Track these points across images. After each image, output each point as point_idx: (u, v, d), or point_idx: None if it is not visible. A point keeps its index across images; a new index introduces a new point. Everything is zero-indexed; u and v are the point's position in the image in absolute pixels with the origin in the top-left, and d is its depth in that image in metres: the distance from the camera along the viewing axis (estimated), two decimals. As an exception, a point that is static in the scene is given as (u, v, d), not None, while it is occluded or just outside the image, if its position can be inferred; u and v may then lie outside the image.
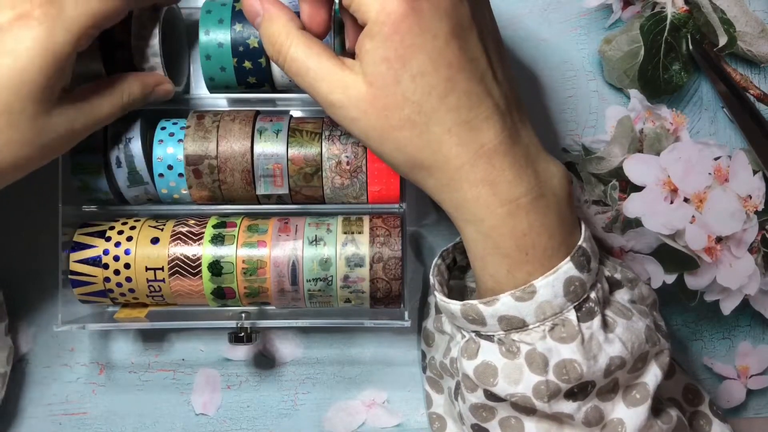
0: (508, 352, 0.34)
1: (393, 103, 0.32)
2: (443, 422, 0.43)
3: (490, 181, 0.33)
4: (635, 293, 0.38)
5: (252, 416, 0.47)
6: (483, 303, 0.34)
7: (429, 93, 0.32)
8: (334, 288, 0.40)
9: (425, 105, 0.32)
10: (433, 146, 0.33)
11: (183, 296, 0.41)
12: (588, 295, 0.34)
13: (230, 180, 0.40)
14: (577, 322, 0.33)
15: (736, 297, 0.48)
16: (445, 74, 0.32)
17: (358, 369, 0.47)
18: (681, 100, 0.47)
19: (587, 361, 0.33)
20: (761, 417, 0.49)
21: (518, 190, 0.33)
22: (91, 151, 0.40)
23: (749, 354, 0.48)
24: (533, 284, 0.33)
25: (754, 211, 0.47)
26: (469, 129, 0.33)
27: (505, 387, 0.34)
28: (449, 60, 0.32)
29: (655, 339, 0.36)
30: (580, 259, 0.34)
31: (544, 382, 0.33)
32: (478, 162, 0.33)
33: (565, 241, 0.34)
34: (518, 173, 0.33)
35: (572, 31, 0.47)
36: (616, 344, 0.34)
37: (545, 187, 0.34)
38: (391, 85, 0.32)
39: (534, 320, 0.34)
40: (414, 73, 0.32)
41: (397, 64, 0.32)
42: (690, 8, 0.47)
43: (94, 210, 0.43)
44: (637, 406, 0.35)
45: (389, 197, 0.41)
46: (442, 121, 0.32)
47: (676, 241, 0.47)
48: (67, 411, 0.47)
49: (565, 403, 0.34)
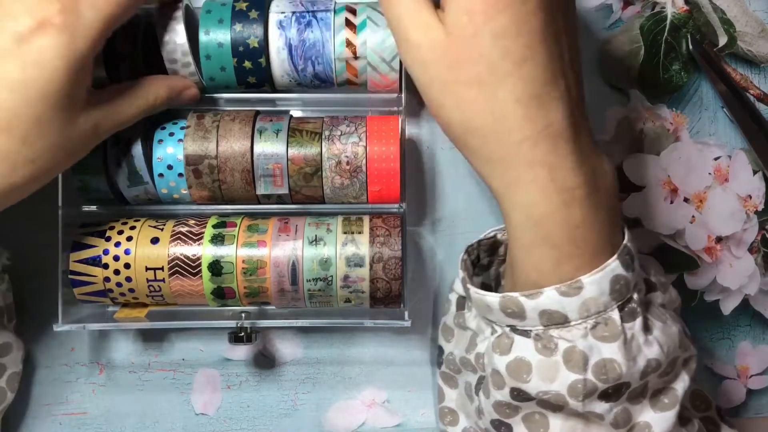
0: (544, 349, 0.33)
1: (466, 57, 0.31)
2: (455, 416, 0.43)
3: (550, 164, 0.32)
4: (666, 297, 0.37)
5: (252, 416, 0.47)
6: (525, 296, 0.33)
7: (505, 55, 0.31)
8: (334, 288, 0.40)
9: (499, 66, 0.31)
10: (497, 112, 0.32)
11: (183, 296, 0.41)
12: (631, 295, 0.34)
13: (230, 180, 0.40)
14: (620, 322, 0.33)
15: (736, 297, 0.48)
16: (526, 41, 0.31)
17: (358, 369, 0.47)
18: (681, 100, 0.47)
19: (627, 362, 0.32)
20: (761, 417, 0.49)
21: (576, 180, 0.32)
22: (92, 151, 0.40)
23: (749, 354, 0.48)
24: (581, 280, 0.32)
25: (754, 211, 0.47)
26: (539, 104, 0.31)
27: (538, 384, 0.33)
28: (533, 28, 0.31)
29: (687, 344, 0.35)
30: (626, 258, 0.33)
31: (582, 381, 0.33)
32: (541, 141, 0.32)
33: (611, 240, 0.33)
34: (579, 163, 0.32)
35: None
36: (654, 347, 0.33)
37: (598, 183, 0.33)
38: (468, 39, 0.31)
39: (577, 317, 0.33)
40: (495, 31, 0.31)
41: (480, 19, 0.31)
42: (690, 8, 0.47)
43: (94, 210, 0.43)
44: (665, 411, 0.35)
45: (389, 197, 0.41)
46: (513, 88, 0.31)
47: (676, 241, 0.47)
48: (67, 411, 0.47)
49: (598, 404, 0.33)
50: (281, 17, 0.40)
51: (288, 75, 0.41)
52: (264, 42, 0.40)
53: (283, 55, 0.40)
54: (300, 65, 0.40)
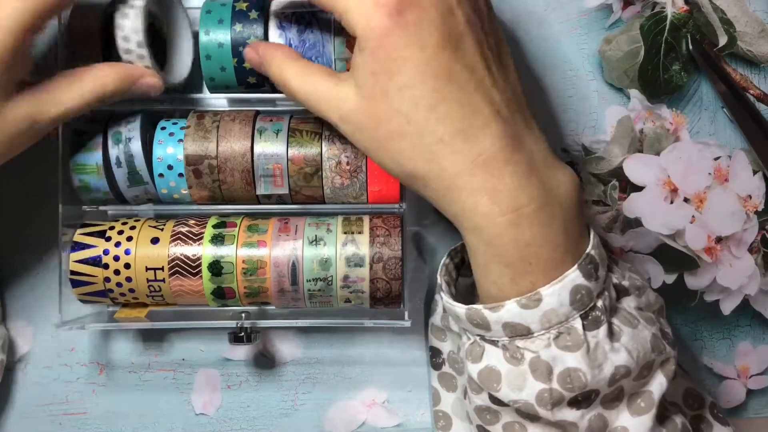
0: (512, 358, 0.34)
1: (383, 115, 0.33)
2: (449, 421, 0.43)
3: (490, 190, 0.32)
4: (642, 300, 0.37)
5: (252, 416, 0.47)
6: (488, 309, 0.34)
7: (416, 104, 0.32)
8: (334, 288, 0.40)
9: (414, 116, 0.32)
10: (426, 156, 0.33)
11: (183, 296, 0.41)
12: (595, 303, 0.34)
13: (230, 180, 0.40)
14: (582, 331, 0.33)
15: (736, 297, 0.48)
16: (433, 85, 0.32)
17: (358, 369, 0.47)
18: (681, 100, 0.47)
19: (592, 370, 0.33)
20: (761, 417, 0.49)
21: (520, 199, 0.32)
22: (91, 151, 0.40)
23: (749, 354, 0.48)
24: (539, 292, 0.33)
25: (754, 211, 0.47)
26: (464, 138, 0.32)
27: (508, 393, 0.34)
28: (437, 71, 0.32)
29: (661, 347, 0.35)
30: (588, 267, 0.33)
31: (548, 390, 0.33)
32: (475, 170, 0.32)
33: (571, 250, 0.34)
34: (520, 181, 0.33)
35: (572, 31, 0.47)
36: (621, 353, 0.33)
37: (550, 196, 0.33)
38: (380, 98, 0.33)
39: (539, 328, 0.33)
40: (400, 85, 0.32)
41: (384, 78, 0.32)
42: (690, 8, 0.47)
43: (94, 210, 0.43)
44: (642, 415, 0.35)
45: (389, 197, 0.41)
46: (434, 131, 0.32)
47: (676, 241, 0.47)
48: (67, 411, 0.47)
49: (568, 411, 0.34)
50: (281, 17, 0.40)
51: None
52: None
53: None
54: None
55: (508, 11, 0.47)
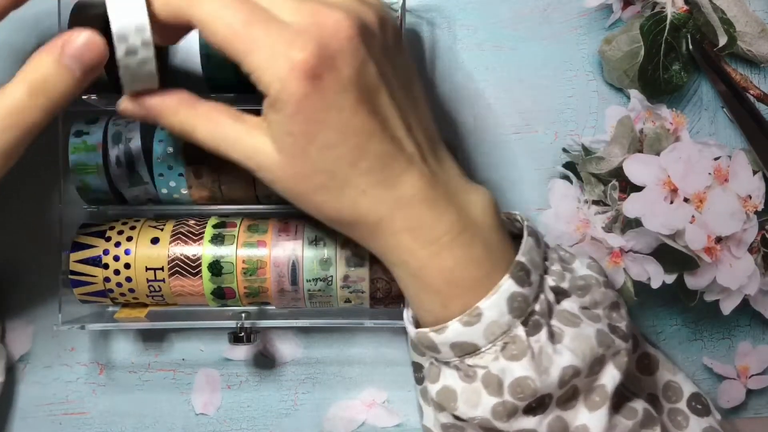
0: (465, 377, 0.35)
1: (303, 172, 0.32)
2: None
3: (409, 228, 0.33)
4: (586, 300, 0.37)
5: (252, 416, 0.47)
6: (434, 331, 0.34)
7: (339, 162, 0.32)
8: (334, 288, 0.40)
9: (337, 173, 0.32)
10: (350, 207, 0.33)
11: (183, 296, 0.41)
12: (533, 308, 0.34)
13: (230, 180, 0.40)
14: (526, 337, 0.34)
15: (736, 297, 0.48)
16: (354, 142, 0.32)
17: (358, 369, 0.47)
18: (681, 100, 0.47)
19: (540, 376, 0.33)
20: (761, 417, 0.49)
21: (439, 231, 0.33)
22: (91, 151, 0.40)
23: (749, 354, 0.48)
24: (478, 307, 0.33)
25: (754, 211, 0.47)
26: (385, 187, 0.33)
27: (465, 411, 0.34)
28: (356, 129, 0.32)
29: (609, 342, 0.35)
30: (519, 274, 0.34)
31: (501, 403, 0.34)
32: (395, 215, 0.33)
33: (497, 264, 0.34)
34: (438, 215, 0.33)
35: (572, 31, 0.47)
36: (565, 354, 0.34)
37: (467, 220, 0.34)
38: (299, 156, 0.32)
39: (485, 342, 0.34)
40: (321, 146, 0.32)
41: (303, 140, 0.32)
42: (690, 8, 0.47)
43: (94, 210, 0.43)
44: (598, 409, 0.35)
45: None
46: (356, 185, 0.33)
47: (676, 241, 0.47)
48: (67, 411, 0.47)
49: (525, 420, 0.34)
50: None
51: None
52: None
53: None
54: None
55: (508, 11, 0.47)
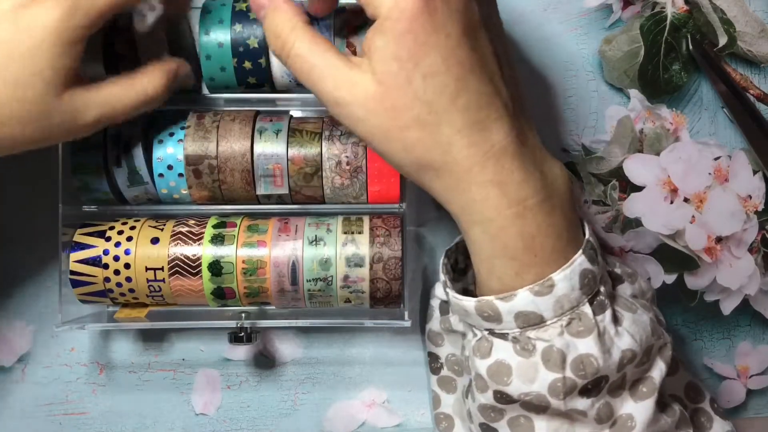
0: (523, 350, 0.34)
1: (403, 103, 0.32)
2: (450, 422, 0.43)
3: (499, 182, 0.33)
4: (636, 287, 0.38)
5: (252, 416, 0.47)
6: (500, 299, 0.34)
7: (441, 93, 0.32)
8: (334, 288, 0.40)
9: (436, 105, 0.32)
10: (444, 147, 0.32)
11: (183, 296, 0.41)
12: (599, 288, 0.34)
13: (230, 180, 0.40)
14: (592, 315, 0.33)
15: (736, 297, 0.48)
16: (457, 73, 0.32)
17: (358, 369, 0.47)
18: (681, 100, 0.47)
19: (603, 355, 0.33)
20: (761, 417, 0.49)
21: (526, 192, 0.33)
22: (91, 151, 0.40)
23: (749, 354, 0.48)
24: (552, 278, 0.33)
25: (754, 211, 0.47)
26: (480, 129, 0.32)
27: (519, 386, 0.34)
28: (461, 59, 0.32)
29: (660, 332, 0.36)
30: (590, 252, 0.34)
31: (561, 379, 0.33)
32: (487, 163, 0.32)
33: (572, 240, 0.34)
34: (526, 174, 0.33)
35: (572, 31, 0.47)
36: (625, 337, 0.34)
37: (551, 189, 0.34)
38: (402, 85, 0.32)
39: (552, 315, 0.33)
40: (426, 72, 0.31)
41: (410, 63, 0.31)
42: (690, 8, 0.47)
43: (94, 210, 0.43)
44: (645, 400, 0.35)
45: (389, 197, 0.41)
46: (453, 122, 0.32)
47: (676, 241, 0.47)
48: (67, 411, 0.47)
49: (579, 400, 0.34)
50: None
51: (288, 75, 0.41)
52: (264, 42, 0.40)
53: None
54: None
55: (508, 11, 0.47)
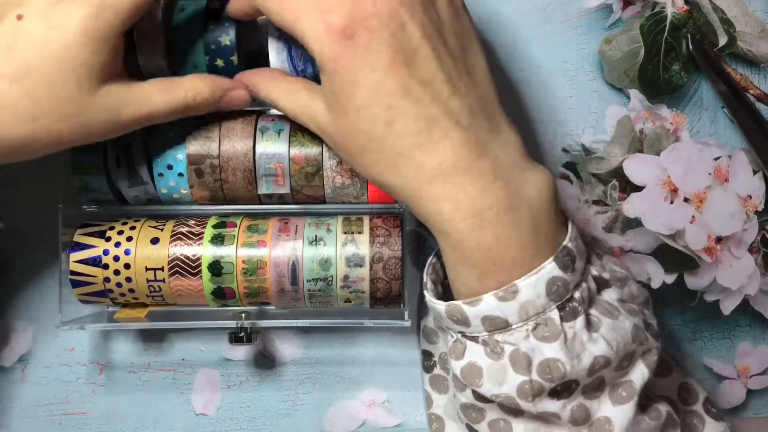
0: (492, 353, 0.34)
1: (348, 132, 0.34)
2: (441, 423, 0.43)
3: (451, 198, 0.33)
4: (624, 292, 0.38)
5: (252, 416, 0.47)
6: (466, 303, 0.34)
7: (374, 123, 0.33)
8: (334, 288, 0.40)
9: (374, 133, 0.33)
10: (390, 169, 0.34)
11: (183, 296, 0.41)
12: (572, 294, 0.34)
13: (232, 179, 0.40)
14: (560, 322, 0.34)
15: (736, 297, 0.48)
16: (387, 103, 0.33)
17: (358, 369, 0.47)
18: (681, 100, 0.47)
19: (570, 360, 0.33)
20: (761, 417, 0.49)
21: (481, 204, 0.33)
22: (91, 151, 0.40)
23: (749, 354, 0.48)
24: (515, 284, 0.33)
25: (754, 211, 0.47)
26: (422, 152, 0.33)
27: (490, 388, 0.34)
28: (390, 90, 0.33)
29: (643, 338, 0.36)
30: (564, 259, 0.34)
31: (528, 382, 0.34)
32: (435, 181, 0.33)
33: (542, 249, 0.34)
34: (482, 187, 0.33)
35: (572, 31, 0.47)
36: (600, 343, 0.34)
37: (517, 199, 0.34)
38: (342, 116, 0.34)
39: (517, 320, 0.34)
40: (357, 105, 0.33)
41: (343, 99, 0.33)
42: (690, 8, 0.47)
43: (94, 210, 0.42)
44: (624, 404, 0.35)
45: (389, 197, 0.41)
46: (393, 147, 0.33)
47: (676, 241, 0.47)
48: (67, 411, 0.47)
49: (549, 402, 0.34)
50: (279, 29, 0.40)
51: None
52: (236, 41, 0.40)
53: (283, 56, 0.40)
54: (300, 66, 0.40)
55: (508, 11, 0.47)
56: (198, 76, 0.39)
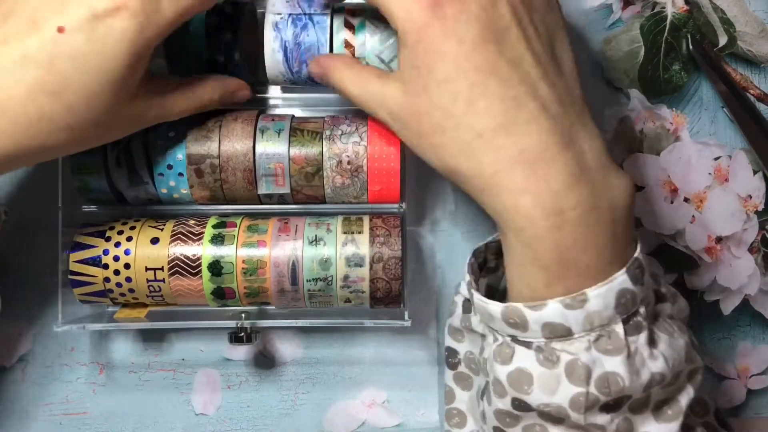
0: (546, 361, 0.33)
1: (424, 110, 0.33)
2: (463, 418, 0.42)
3: (532, 190, 0.31)
4: (675, 308, 0.36)
5: (252, 416, 0.47)
6: (529, 307, 0.32)
7: (455, 99, 0.32)
8: (334, 288, 0.40)
9: (452, 110, 0.32)
10: (466, 152, 0.32)
11: (183, 296, 0.41)
12: (638, 309, 0.33)
13: (232, 179, 0.40)
14: (624, 336, 0.32)
15: (736, 297, 0.48)
16: (473, 79, 0.31)
17: (358, 369, 0.47)
18: (681, 100, 0.47)
19: (630, 376, 0.32)
20: (761, 417, 0.49)
21: (566, 202, 0.31)
22: (91, 151, 0.40)
23: (749, 354, 0.48)
24: (585, 293, 0.32)
25: (754, 211, 0.47)
26: (506, 134, 0.31)
27: (539, 396, 0.33)
28: (477, 65, 0.31)
29: (693, 356, 0.35)
30: (636, 271, 0.32)
31: (584, 394, 0.32)
32: (515, 169, 0.31)
33: (617, 258, 0.32)
34: (569, 183, 0.31)
35: (572, 31, 0.47)
36: (659, 360, 0.33)
37: (600, 200, 0.32)
38: (420, 92, 0.32)
39: (580, 330, 0.32)
40: (439, 79, 0.32)
41: (425, 71, 0.32)
42: (690, 8, 0.47)
43: (94, 210, 0.42)
44: (669, 423, 0.34)
45: (389, 197, 0.41)
46: (472, 126, 0.32)
47: (676, 241, 0.47)
48: (67, 411, 0.47)
49: (600, 416, 0.33)
50: (277, 18, 0.40)
51: (283, 76, 0.41)
52: (237, 37, 0.40)
53: (279, 57, 0.40)
54: (295, 67, 0.40)
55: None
56: (212, 79, 0.39)
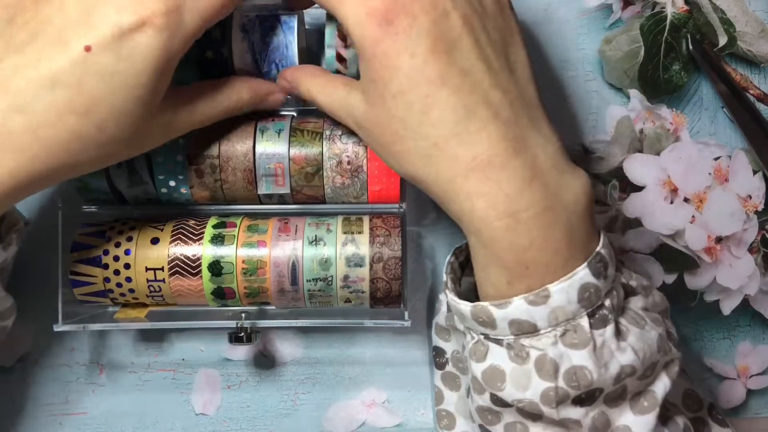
0: (516, 357, 0.34)
1: (383, 120, 0.34)
2: (452, 419, 0.43)
3: (485, 194, 0.32)
4: (649, 301, 0.37)
5: (252, 416, 0.47)
6: (494, 305, 0.33)
7: (410, 110, 0.33)
8: (334, 288, 0.40)
9: (409, 121, 0.33)
10: (424, 160, 0.33)
11: (183, 296, 0.41)
12: (602, 302, 0.34)
13: (232, 179, 0.40)
14: (589, 329, 0.33)
15: (736, 297, 0.48)
16: (425, 91, 0.32)
17: (358, 369, 0.47)
18: (681, 100, 0.47)
19: (598, 369, 0.33)
20: (761, 417, 0.49)
21: (519, 204, 0.32)
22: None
23: (749, 354, 0.48)
24: (548, 288, 0.32)
25: (754, 211, 0.47)
26: (458, 142, 0.32)
27: (512, 392, 0.34)
28: (429, 77, 0.32)
29: (667, 348, 0.35)
30: (597, 265, 0.33)
31: (554, 389, 0.33)
32: (470, 174, 0.32)
33: (575, 255, 0.33)
34: (519, 186, 0.32)
35: (572, 31, 0.47)
36: (628, 353, 0.33)
37: (554, 200, 0.33)
38: (379, 103, 0.33)
39: (545, 325, 0.33)
40: (394, 92, 0.33)
41: (381, 84, 0.33)
42: (690, 8, 0.47)
43: (94, 210, 0.42)
44: (645, 414, 0.35)
45: (389, 197, 0.41)
46: (427, 136, 0.33)
47: (676, 241, 0.47)
48: (67, 411, 0.47)
49: (572, 410, 0.34)
50: (244, 20, 0.40)
51: (254, 77, 0.41)
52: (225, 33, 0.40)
53: (247, 58, 0.40)
54: (264, 68, 0.40)
55: (508, 11, 0.47)
56: (241, 81, 0.39)
